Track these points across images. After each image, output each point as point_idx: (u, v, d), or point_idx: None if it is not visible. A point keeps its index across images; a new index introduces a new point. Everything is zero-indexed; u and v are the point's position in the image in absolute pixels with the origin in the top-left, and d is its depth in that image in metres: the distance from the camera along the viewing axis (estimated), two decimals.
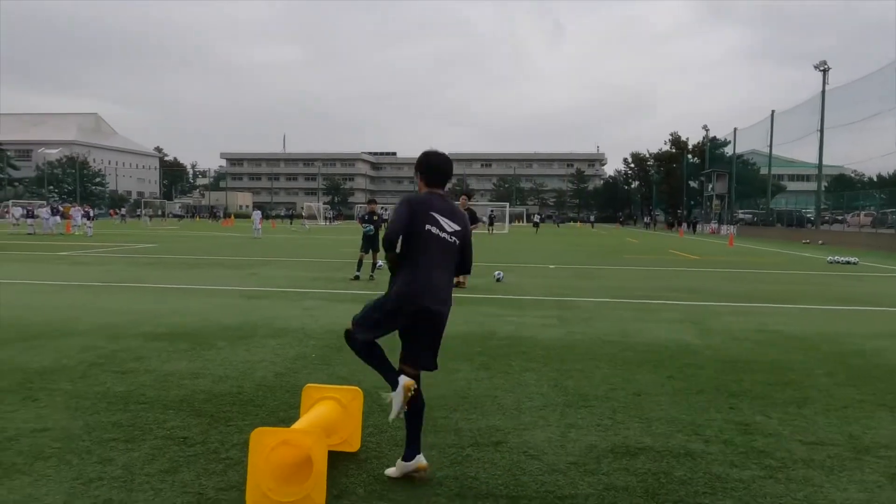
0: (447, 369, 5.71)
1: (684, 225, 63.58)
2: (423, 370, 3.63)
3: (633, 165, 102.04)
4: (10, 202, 56.88)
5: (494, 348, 6.63)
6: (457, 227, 3.51)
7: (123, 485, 3.28)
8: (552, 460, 3.69)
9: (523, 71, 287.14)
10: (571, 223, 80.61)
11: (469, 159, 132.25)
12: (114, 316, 8.22)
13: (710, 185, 61.31)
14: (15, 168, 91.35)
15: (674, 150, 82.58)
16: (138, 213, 66.81)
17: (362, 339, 3.63)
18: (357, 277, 12.93)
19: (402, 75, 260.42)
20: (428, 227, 3.43)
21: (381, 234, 13.01)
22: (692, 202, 75.48)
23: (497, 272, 13.53)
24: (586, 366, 5.94)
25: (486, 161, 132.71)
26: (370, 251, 13.26)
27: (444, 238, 3.46)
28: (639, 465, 3.65)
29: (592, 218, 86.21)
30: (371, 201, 14.20)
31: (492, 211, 53.34)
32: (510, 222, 63.71)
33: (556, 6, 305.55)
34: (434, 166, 3.57)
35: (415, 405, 3.52)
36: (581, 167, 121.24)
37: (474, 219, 12.44)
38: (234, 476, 3.39)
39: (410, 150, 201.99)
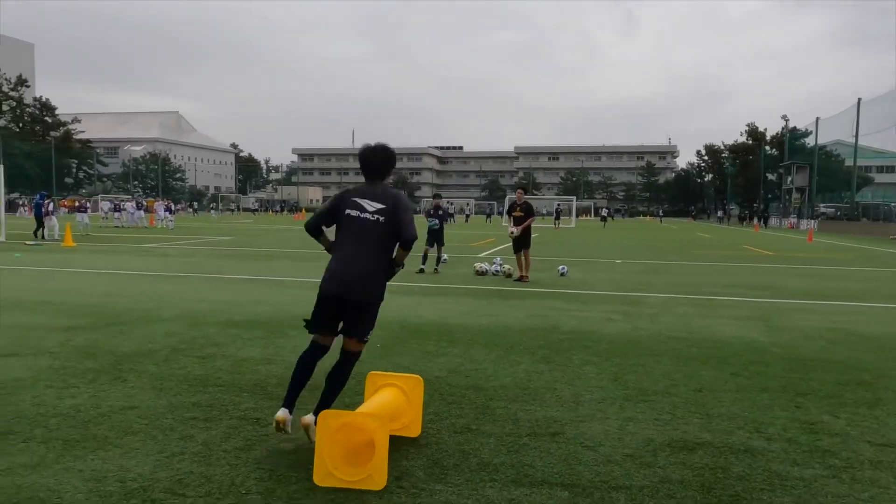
0: (509, 361, 5.83)
1: (759, 219, 61.05)
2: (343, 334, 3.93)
3: (706, 158, 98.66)
4: (99, 197, 60.40)
5: (556, 342, 6.68)
6: (380, 206, 3.74)
7: (202, 459, 3.55)
8: (608, 452, 3.74)
9: (592, 62, 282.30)
10: (641, 217, 78.81)
11: (535, 153, 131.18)
12: (195, 304, 8.71)
13: (790, 178, 58.65)
14: (104, 164, 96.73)
15: (750, 142, 79.33)
16: (212, 206, 69.77)
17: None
18: (422, 270, 13.16)
19: (469, 69, 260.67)
20: (348, 211, 3.78)
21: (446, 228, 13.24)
22: (769, 196, 72.41)
23: (561, 266, 13.49)
24: (648, 361, 5.92)
25: (553, 154, 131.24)
26: (435, 245, 13.46)
27: (365, 217, 3.73)
28: (696, 459, 3.65)
29: (661, 212, 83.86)
30: (436, 196, 14.40)
31: (558, 205, 52.78)
32: (577, 216, 62.89)
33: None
34: (361, 160, 3.89)
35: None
36: (651, 160, 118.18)
37: (530, 212, 12.41)
38: (304, 455, 3.61)
39: (477, 144, 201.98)
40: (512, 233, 12.25)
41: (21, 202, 61.68)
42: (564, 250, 21.17)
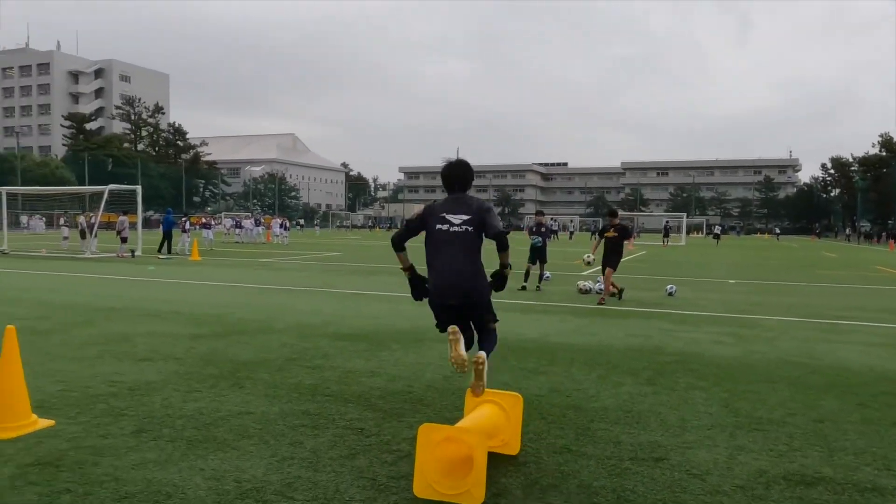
0: (611, 381, 5.70)
1: (894, 238, 55.89)
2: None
3: (832, 171, 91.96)
4: (222, 214, 64.76)
5: (661, 364, 6.46)
6: (466, 217, 3.94)
7: (310, 465, 3.73)
8: (716, 482, 3.58)
9: (704, 72, 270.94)
10: (757, 234, 74.28)
11: (643, 168, 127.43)
12: (306, 317, 9.15)
13: None
14: (227, 184, 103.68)
15: (884, 154, 73.21)
16: (316, 223, 73.07)
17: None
18: (524, 288, 13.12)
19: (574, 83, 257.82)
20: (438, 226, 3.99)
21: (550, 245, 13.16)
22: None
23: (669, 286, 13.01)
24: (762, 388, 5.59)
25: (662, 169, 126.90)
26: (537, 262, 13.38)
27: (455, 230, 3.94)
28: (815, 495, 3.42)
29: (777, 230, 78.48)
30: (539, 212, 14.34)
31: (667, 222, 50.83)
32: (687, 233, 60.33)
33: (741, 2, 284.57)
34: (444, 176, 4.12)
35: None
36: (770, 174, 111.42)
37: (626, 233, 12.01)
38: (404, 466, 3.71)
39: (582, 160, 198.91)
40: (589, 261, 12.13)
41: (157, 219, 67.06)
42: (673, 269, 20.38)
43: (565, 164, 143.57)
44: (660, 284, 14.24)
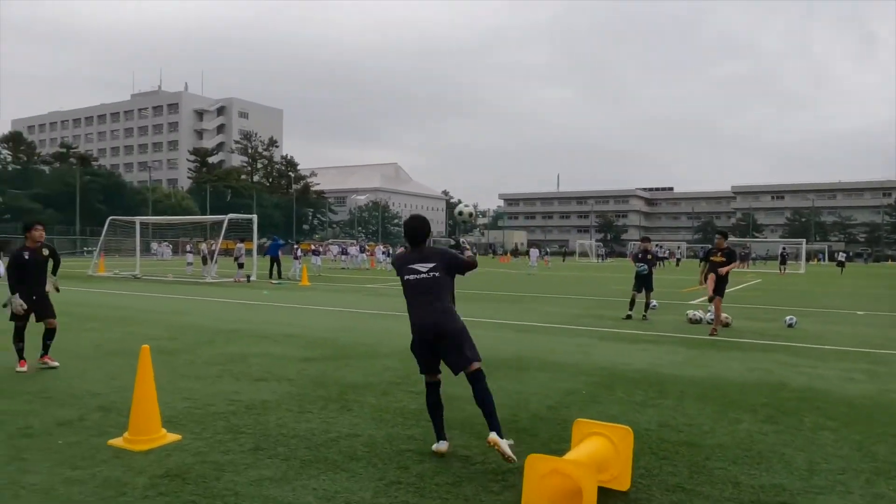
0: (727, 418, 5.40)
1: None
2: (457, 371, 4.59)
3: None
4: (329, 241, 67.44)
5: (783, 400, 6.04)
6: (431, 265, 4.50)
7: (417, 490, 3.76)
8: None
9: (822, 89, 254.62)
10: (890, 262, 68.16)
11: (756, 192, 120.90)
12: (409, 342, 9.28)
13: None
14: (333, 213, 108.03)
15: None
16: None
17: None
18: (629, 317, 12.72)
19: (680, 106, 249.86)
20: (407, 277, 4.55)
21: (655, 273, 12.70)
22: None
23: (789, 317, 12.18)
24: None
25: (777, 193, 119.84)
26: (643, 290, 12.96)
27: (423, 277, 4.52)
28: None
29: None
30: (645, 239, 13.92)
31: (784, 248, 47.79)
32: (807, 260, 56.40)
33: (864, 13, 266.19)
34: (407, 230, 4.63)
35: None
36: None
37: (733, 257, 11.35)
38: (510, 496, 3.66)
39: (689, 184, 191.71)
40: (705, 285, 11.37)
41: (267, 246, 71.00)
42: (792, 299, 19.07)
43: (671, 188, 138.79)
44: (778, 315, 13.38)
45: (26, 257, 7.11)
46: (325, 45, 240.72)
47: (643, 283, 12.94)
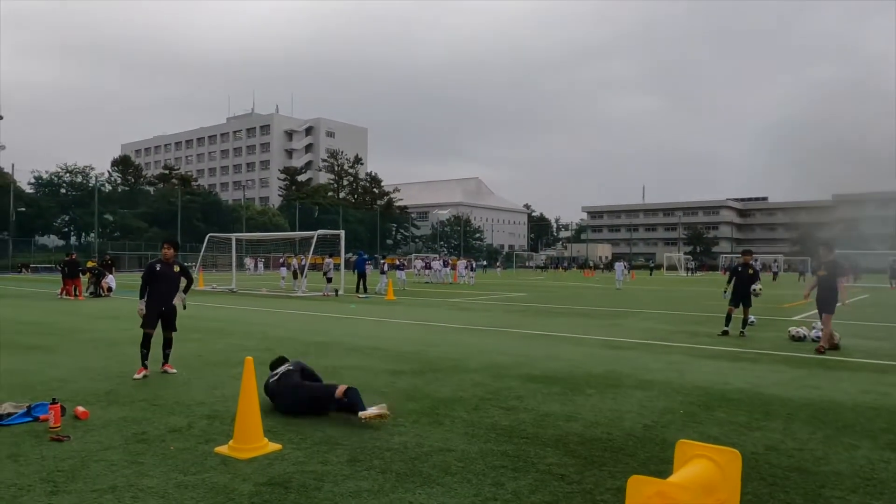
0: (842, 443, 5.05)
1: None
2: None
3: None
4: (413, 256, 68.40)
5: None
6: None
7: None
8: None
9: None
10: None
11: (862, 199, 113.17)
12: (497, 356, 9.27)
13: None
14: (416, 227, 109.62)
15: None
16: (497, 265, 73.60)
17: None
18: (726, 332, 12.16)
19: (773, 110, 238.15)
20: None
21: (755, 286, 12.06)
22: None
23: None
24: None
25: (885, 200, 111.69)
26: (740, 305, 12.36)
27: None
28: None
29: None
30: (746, 252, 13.27)
31: (894, 260, 44.40)
32: None
33: None
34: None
35: None
36: None
37: (837, 270, 10.58)
38: None
39: (787, 193, 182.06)
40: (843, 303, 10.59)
41: (354, 261, 72.75)
42: None
43: (765, 198, 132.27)
44: (892, 333, 12.42)
45: (157, 269, 7.88)
46: (408, 63, 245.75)
47: (740, 297, 12.35)
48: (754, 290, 12.12)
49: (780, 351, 10.30)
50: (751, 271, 12.43)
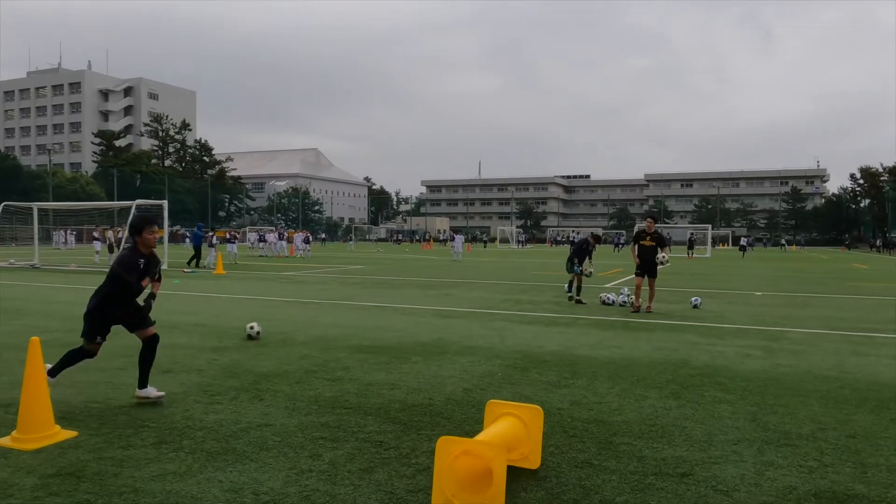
0: (634, 395, 5.60)
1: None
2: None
3: (861, 181, 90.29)
4: (247, 228, 65.49)
5: (686, 377, 6.34)
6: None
7: (328, 478, 3.70)
8: (743, 498, 3.48)
9: (727, 85, 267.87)
10: (783, 247, 72.80)
11: (667, 180, 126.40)
12: (326, 329, 9.16)
13: None
14: (251, 199, 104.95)
15: None
16: (349, 238, 72.99)
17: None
18: (576, 299, 12.97)
19: (596, 96, 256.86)
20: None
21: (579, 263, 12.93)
22: None
23: (694, 298, 12.81)
24: (792, 401, 5.45)
25: (687, 181, 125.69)
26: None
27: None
28: None
29: (783, 241, 76.12)
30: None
31: (692, 234, 50.23)
32: (713, 245, 59.56)
33: (763, 11, 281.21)
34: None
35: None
36: (797, 185, 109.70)
37: (662, 241, 11.92)
38: (423, 480, 3.66)
39: (605, 172, 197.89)
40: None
41: (183, 233, 68.04)
42: (698, 281, 20.09)
43: (588, 176, 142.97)
44: (685, 297, 14.04)
45: None
46: (242, 27, 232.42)
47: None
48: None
49: (591, 315, 11.23)
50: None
